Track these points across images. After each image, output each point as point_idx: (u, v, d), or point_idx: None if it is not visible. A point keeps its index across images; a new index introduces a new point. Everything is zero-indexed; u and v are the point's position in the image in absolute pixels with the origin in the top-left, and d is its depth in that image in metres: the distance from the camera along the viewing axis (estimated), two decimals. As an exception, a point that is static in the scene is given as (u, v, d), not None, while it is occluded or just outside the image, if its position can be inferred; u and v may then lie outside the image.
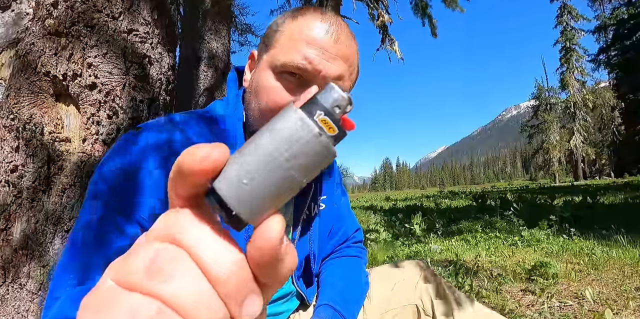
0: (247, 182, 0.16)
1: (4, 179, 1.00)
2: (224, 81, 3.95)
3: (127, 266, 0.16)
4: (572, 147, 28.80)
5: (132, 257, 0.17)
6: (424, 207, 7.55)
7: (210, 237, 0.16)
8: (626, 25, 25.05)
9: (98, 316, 0.15)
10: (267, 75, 0.54)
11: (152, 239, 0.17)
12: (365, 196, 32.70)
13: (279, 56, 0.53)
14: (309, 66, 0.52)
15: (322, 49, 0.52)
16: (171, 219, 0.17)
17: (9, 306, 0.95)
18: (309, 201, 0.69)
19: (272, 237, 0.16)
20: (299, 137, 0.16)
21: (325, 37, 0.53)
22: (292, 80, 0.53)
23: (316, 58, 0.52)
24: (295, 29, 0.54)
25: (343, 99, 0.18)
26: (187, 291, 0.15)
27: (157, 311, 0.15)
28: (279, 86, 0.53)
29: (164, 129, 0.55)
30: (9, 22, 1.28)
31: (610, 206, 5.80)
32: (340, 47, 0.54)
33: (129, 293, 0.16)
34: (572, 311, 1.67)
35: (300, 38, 0.53)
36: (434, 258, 2.82)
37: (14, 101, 1.02)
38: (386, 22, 8.41)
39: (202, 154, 0.16)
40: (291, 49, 0.53)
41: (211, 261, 0.16)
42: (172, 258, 0.16)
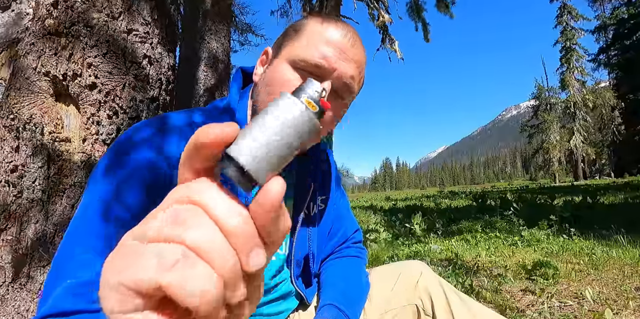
0: (256, 147, 0.20)
1: (4, 179, 1.00)
2: (224, 80, 3.95)
3: (149, 225, 0.19)
4: (572, 147, 28.80)
5: (152, 219, 0.19)
6: (424, 207, 7.55)
7: (222, 197, 0.20)
8: (626, 25, 25.06)
9: (126, 263, 0.18)
10: (285, 68, 0.57)
11: (170, 203, 0.20)
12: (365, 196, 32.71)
13: (298, 51, 0.57)
14: (326, 64, 0.55)
15: (340, 49, 0.57)
16: (188, 186, 0.20)
17: (9, 306, 0.95)
18: (308, 200, 0.69)
19: (275, 194, 0.19)
20: (292, 113, 0.22)
21: (343, 40, 0.57)
22: (308, 74, 0.57)
23: (333, 57, 0.56)
24: (316, 29, 0.58)
25: (319, 87, 0.25)
26: (206, 238, 0.18)
27: (183, 254, 0.17)
28: (295, 78, 0.56)
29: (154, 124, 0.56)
30: (9, 22, 1.28)
31: (610, 206, 5.80)
32: (356, 51, 0.58)
33: (153, 244, 0.18)
34: (572, 311, 1.67)
35: (320, 37, 0.57)
36: (434, 258, 2.82)
37: (14, 101, 1.02)
38: (386, 22, 8.42)
39: (217, 129, 0.19)
40: (311, 46, 0.56)
41: (224, 216, 0.19)
42: (192, 213, 0.19)
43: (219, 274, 0.18)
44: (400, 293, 0.74)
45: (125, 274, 0.17)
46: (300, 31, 0.59)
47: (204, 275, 0.17)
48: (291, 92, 0.25)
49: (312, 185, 0.70)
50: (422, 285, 0.74)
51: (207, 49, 3.79)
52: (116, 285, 0.18)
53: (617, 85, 27.29)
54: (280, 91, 0.56)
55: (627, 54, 24.76)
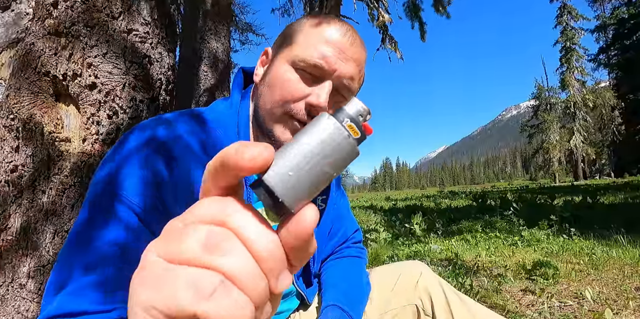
0: (291, 175, 0.19)
1: (4, 179, 1.00)
2: (224, 80, 3.95)
3: (178, 244, 0.19)
4: (572, 147, 28.79)
5: (181, 237, 0.19)
6: (424, 207, 7.55)
7: (253, 221, 0.19)
8: (626, 25, 25.05)
9: (158, 285, 0.18)
10: (285, 68, 0.57)
11: (197, 223, 0.19)
12: (365, 196, 32.70)
13: (298, 52, 0.57)
14: (325, 64, 0.55)
15: (339, 49, 0.56)
16: (216, 206, 0.20)
17: (9, 306, 0.95)
18: None
19: (307, 224, 0.19)
20: (332, 139, 0.20)
21: (342, 39, 0.57)
22: (308, 75, 0.57)
23: (332, 57, 0.56)
24: (315, 29, 0.58)
25: (364, 110, 0.23)
26: (241, 265, 0.18)
27: (220, 282, 0.18)
28: (296, 79, 0.56)
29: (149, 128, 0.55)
30: (8, 22, 1.28)
31: (610, 206, 5.80)
32: (355, 50, 0.58)
33: (185, 267, 0.18)
34: (572, 311, 1.67)
35: (319, 37, 0.57)
36: (434, 258, 2.82)
37: (14, 101, 1.02)
38: (386, 22, 8.41)
39: (254, 154, 0.18)
40: (310, 46, 0.56)
41: (256, 242, 0.19)
42: (224, 237, 0.19)
43: (252, 300, 0.18)
44: (400, 293, 0.75)
45: (159, 298, 0.17)
46: (299, 31, 0.59)
47: (240, 302, 0.18)
48: (330, 111, 0.23)
49: None
50: (422, 285, 0.74)
51: (207, 49, 3.79)
52: (149, 307, 0.18)
53: (617, 85, 27.28)
54: (281, 92, 0.56)
55: (627, 53, 24.76)
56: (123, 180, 0.49)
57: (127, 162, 0.51)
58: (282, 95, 0.56)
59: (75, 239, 0.48)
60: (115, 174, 0.50)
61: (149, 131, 0.54)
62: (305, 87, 0.56)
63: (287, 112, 0.57)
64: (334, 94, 0.59)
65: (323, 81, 0.57)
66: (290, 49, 0.58)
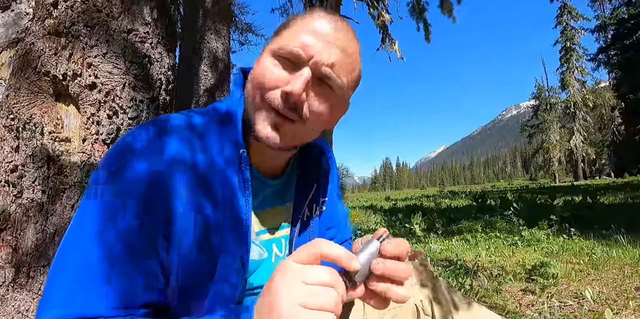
0: (361, 269, 0.43)
1: (4, 179, 1.00)
2: (224, 80, 3.95)
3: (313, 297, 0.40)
4: (572, 147, 28.79)
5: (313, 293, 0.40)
6: (424, 207, 7.55)
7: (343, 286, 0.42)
8: (626, 25, 25.04)
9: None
10: (266, 59, 0.56)
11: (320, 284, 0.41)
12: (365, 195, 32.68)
13: (280, 42, 0.55)
14: (302, 50, 0.52)
15: (320, 36, 0.54)
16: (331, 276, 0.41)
17: (9, 306, 0.95)
18: (310, 200, 0.69)
19: (359, 294, 0.47)
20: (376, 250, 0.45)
21: (325, 26, 0.54)
22: (286, 62, 0.54)
23: (310, 43, 0.53)
24: (301, 20, 0.56)
25: (386, 234, 0.47)
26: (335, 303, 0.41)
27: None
28: (273, 66, 0.54)
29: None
30: (8, 22, 1.28)
31: (610, 206, 5.80)
32: (339, 36, 0.55)
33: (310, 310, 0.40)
34: (572, 311, 1.67)
35: (302, 26, 0.55)
36: (434, 258, 2.82)
37: (14, 101, 1.02)
38: (386, 21, 8.41)
39: (353, 266, 0.42)
40: (293, 35, 0.54)
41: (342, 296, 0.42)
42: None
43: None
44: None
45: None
46: (287, 26, 0.57)
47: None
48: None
49: (314, 186, 0.69)
50: (422, 286, 0.74)
51: (207, 49, 3.79)
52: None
53: (617, 85, 27.28)
54: (260, 81, 0.54)
55: (627, 53, 24.76)
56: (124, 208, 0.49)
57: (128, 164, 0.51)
58: (259, 83, 0.55)
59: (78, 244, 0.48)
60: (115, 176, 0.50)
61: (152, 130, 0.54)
62: (281, 75, 0.54)
63: (263, 99, 0.54)
64: (318, 83, 0.55)
65: (301, 66, 0.53)
66: (275, 41, 0.56)
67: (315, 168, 0.70)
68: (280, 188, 0.69)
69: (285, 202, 0.70)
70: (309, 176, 0.70)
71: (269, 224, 0.66)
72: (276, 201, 0.68)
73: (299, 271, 0.40)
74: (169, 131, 0.54)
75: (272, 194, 0.67)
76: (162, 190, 0.50)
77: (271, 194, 0.67)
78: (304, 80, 0.52)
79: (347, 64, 0.56)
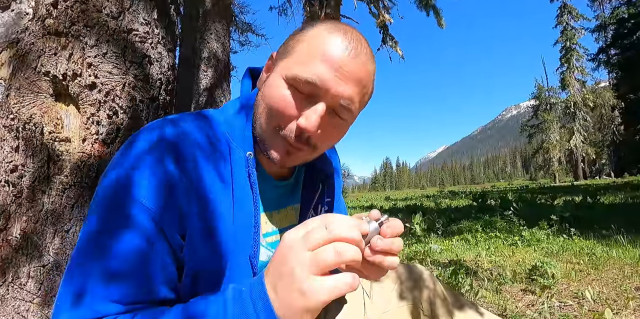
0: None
1: (4, 179, 1.00)
2: (224, 80, 3.95)
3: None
4: (572, 147, 28.78)
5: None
6: (424, 207, 7.55)
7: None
8: (626, 24, 25.03)
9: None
10: (279, 82, 0.54)
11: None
12: (365, 195, 32.68)
13: (292, 65, 0.53)
14: (319, 83, 0.51)
15: (337, 66, 0.51)
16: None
17: (8, 306, 0.95)
18: (316, 202, 0.71)
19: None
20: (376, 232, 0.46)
21: (343, 54, 0.51)
22: (301, 93, 0.53)
23: (327, 75, 0.51)
24: (314, 41, 0.53)
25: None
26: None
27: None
28: (288, 95, 0.53)
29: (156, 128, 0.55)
30: (8, 22, 1.28)
31: (610, 206, 5.80)
32: (356, 66, 0.52)
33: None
34: (572, 311, 1.67)
35: (317, 52, 0.52)
36: (434, 258, 2.82)
37: (13, 101, 1.02)
38: (387, 21, 8.41)
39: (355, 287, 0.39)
40: (306, 62, 0.52)
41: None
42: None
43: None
44: (401, 293, 0.75)
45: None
46: (300, 41, 0.54)
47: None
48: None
49: (320, 186, 0.70)
50: (422, 287, 0.75)
51: (207, 49, 3.79)
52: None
53: (617, 85, 27.26)
54: (271, 107, 0.54)
55: (627, 53, 24.75)
56: (137, 184, 0.48)
57: (138, 165, 0.50)
58: (273, 109, 0.54)
59: (93, 246, 0.47)
60: (127, 178, 0.49)
61: (157, 131, 0.53)
62: (295, 106, 0.53)
63: (277, 129, 0.55)
64: (332, 115, 0.54)
65: (316, 101, 0.52)
66: (288, 60, 0.54)
67: (321, 170, 0.71)
68: (288, 189, 0.70)
69: (294, 203, 0.70)
70: (315, 177, 0.71)
71: (277, 226, 0.66)
72: (285, 202, 0.69)
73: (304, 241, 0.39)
74: (179, 129, 0.55)
75: (281, 195, 0.68)
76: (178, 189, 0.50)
77: (280, 196, 0.68)
78: (319, 117, 0.51)
79: (362, 94, 0.55)
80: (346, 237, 0.39)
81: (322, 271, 0.38)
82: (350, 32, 0.54)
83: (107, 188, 0.50)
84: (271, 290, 0.40)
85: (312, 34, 0.54)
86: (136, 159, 0.50)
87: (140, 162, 0.50)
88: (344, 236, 0.39)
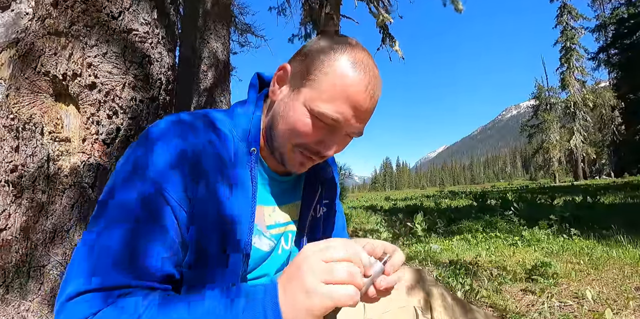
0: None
1: (4, 179, 1.00)
2: (224, 80, 3.95)
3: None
4: (572, 147, 28.78)
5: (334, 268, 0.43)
6: (424, 207, 7.55)
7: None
8: (626, 24, 25.04)
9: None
10: (303, 110, 0.60)
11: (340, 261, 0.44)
12: (365, 195, 32.69)
13: (319, 103, 0.58)
14: (343, 121, 0.59)
15: (359, 106, 0.58)
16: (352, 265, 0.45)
17: (9, 306, 0.95)
18: (315, 203, 0.75)
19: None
20: (380, 272, 0.50)
21: (363, 97, 0.58)
22: (323, 123, 0.60)
23: (348, 117, 0.59)
24: (340, 81, 0.57)
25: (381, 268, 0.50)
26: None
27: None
28: (312, 124, 0.59)
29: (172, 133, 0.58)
30: (8, 22, 1.28)
31: (610, 206, 5.80)
32: (372, 104, 0.60)
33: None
34: (572, 311, 1.67)
35: (342, 93, 0.57)
36: (434, 258, 2.82)
37: (14, 101, 1.02)
38: (386, 21, 8.41)
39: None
40: (332, 101, 0.58)
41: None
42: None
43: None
44: (400, 294, 0.76)
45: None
46: (324, 74, 0.58)
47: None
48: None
49: (319, 188, 0.75)
50: (422, 288, 0.76)
51: (207, 49, 3.79)
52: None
53: (617, 85, 27.26)
54: (294, 130, 0.60)
55: (627, 53, 24.75)
56: (151, 162, 0.53)
57: (152, 147, 0.54)
58: (293, 133, 0.61)
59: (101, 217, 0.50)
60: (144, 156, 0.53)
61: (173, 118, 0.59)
62: (318, 133, 0.60)
63: (296, 146, 0.62)
64: (344, 136, 0.63)
65: (336, 130, 0.60)
66: (312, 93, 0.59)
67: (319, 171, 0.76)
68: (291, 186, 0.74)
69: (295, 200, 0.75)
70: (315, 178, 0.76)
71: (280, 219, 0.70)
72: (288, 199, 0.73)
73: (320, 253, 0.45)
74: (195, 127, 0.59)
75: (284, 191, 0.72)
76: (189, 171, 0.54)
77: (283, 191, 0.72)
78: (338, 146, 0.62)
79: (370, 117, 0.63)
80: (359, 263, 0.45)
81: (331, 282, 0.42)
82: (367, 66, 0.59)
83: (124, 164, 0.55)
84: (281, 291, 0.44)
85: (337, 70, 0.58)
86: (152, 140, 0.55)
87: (154, 145, 0.54)
88: (358, 260, 0.45)
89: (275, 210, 0.70)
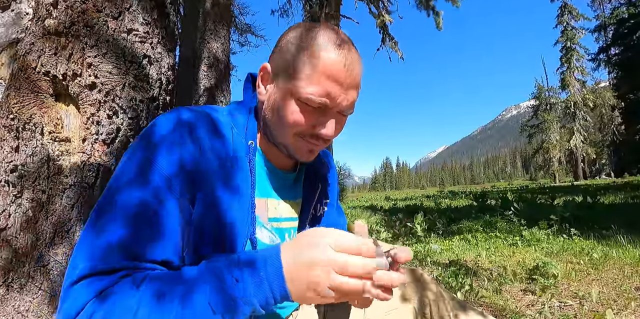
0: None
1: (4, 179, 1.00)
2: (224, 80, 3.95)
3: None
4: (572, 147, 28.78)
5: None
6: (424, 207, 7.55)
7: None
8: (626, 24, 25.03)
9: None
10: (290, 101, 0.61)
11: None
12: (365, 195, 32.68)
13: (301, 89, 0.60)
14: (330, 102, 0.60)
15: (341, 82, 0.60)
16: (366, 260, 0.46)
17: (8, 306, 0.95)
18: (315, 201, 0.76)
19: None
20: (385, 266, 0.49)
21: (342, 69, 0.59)
22: (313, 107, 0.61)
23: (334, 95, 0.60)
24: (317, 62, 0.59)
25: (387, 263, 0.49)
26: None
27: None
28: (302, 111, 0.61)
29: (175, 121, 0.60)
30: (8, 22, 1.28)
31: (610, 206, 5.80)
32: (353, 76, 0.61)
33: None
34: (572, 311, 1.67)
35: (322, 74, 0.59)
36: (434, 258, 2.81)
37: (14, 101, 1.02)
38: (386, 21, 8.41)
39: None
40: (314, 83, 0.59)
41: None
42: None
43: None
44: (400, 295, 0.76)
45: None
46: (302, 62, 0.60)
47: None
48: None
49: (319, 186, 0.76)
50: (423, 288, 0.76)
51: (207, 49, 3.79)
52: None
53: (617, 85, 27.24)
54: (287, 121, 0.62)
55: (627, 53, 24.74)
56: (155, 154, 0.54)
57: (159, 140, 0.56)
58: (289, 123, 0.62)
59: (107, 203, 0.51)
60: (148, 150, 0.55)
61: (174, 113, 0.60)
62: (311, 118, 0.62)
63: (297, 136, 0.64)
64: (339, 116, 0.65)
65: (328, 111, 0.62)
66: (293, 81, 0.60)
67: (318, 170, 0.78)
68: (291, 182, 0.75)
69: (297, 197, 0.76)
70: (314, 177, 0.77)
71: (283, 214, 0.71)
72: (291, 194, 0.74)
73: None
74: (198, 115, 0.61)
75: (286, 186, 0.74)
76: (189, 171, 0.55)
77: (286, 187, 0.73)
78: (334, 124, 0.63)
79: (358, 91, 0.64)
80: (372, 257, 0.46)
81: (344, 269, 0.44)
82: (341, 44, 0.60)
83: (124, 164, 0.56)
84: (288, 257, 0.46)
85: (312, 55, 0.59)
86: (152, 141, 0.56)
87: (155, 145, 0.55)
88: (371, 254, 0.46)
89: (280, 204, 0.71)
